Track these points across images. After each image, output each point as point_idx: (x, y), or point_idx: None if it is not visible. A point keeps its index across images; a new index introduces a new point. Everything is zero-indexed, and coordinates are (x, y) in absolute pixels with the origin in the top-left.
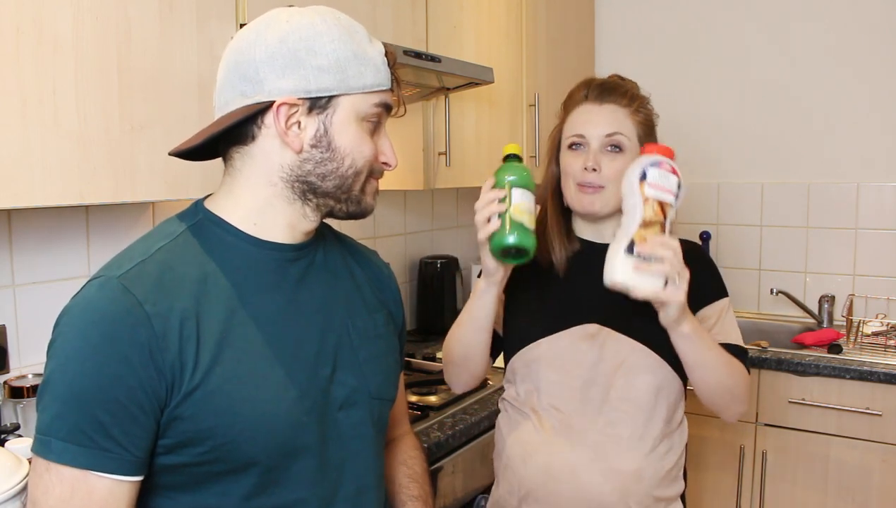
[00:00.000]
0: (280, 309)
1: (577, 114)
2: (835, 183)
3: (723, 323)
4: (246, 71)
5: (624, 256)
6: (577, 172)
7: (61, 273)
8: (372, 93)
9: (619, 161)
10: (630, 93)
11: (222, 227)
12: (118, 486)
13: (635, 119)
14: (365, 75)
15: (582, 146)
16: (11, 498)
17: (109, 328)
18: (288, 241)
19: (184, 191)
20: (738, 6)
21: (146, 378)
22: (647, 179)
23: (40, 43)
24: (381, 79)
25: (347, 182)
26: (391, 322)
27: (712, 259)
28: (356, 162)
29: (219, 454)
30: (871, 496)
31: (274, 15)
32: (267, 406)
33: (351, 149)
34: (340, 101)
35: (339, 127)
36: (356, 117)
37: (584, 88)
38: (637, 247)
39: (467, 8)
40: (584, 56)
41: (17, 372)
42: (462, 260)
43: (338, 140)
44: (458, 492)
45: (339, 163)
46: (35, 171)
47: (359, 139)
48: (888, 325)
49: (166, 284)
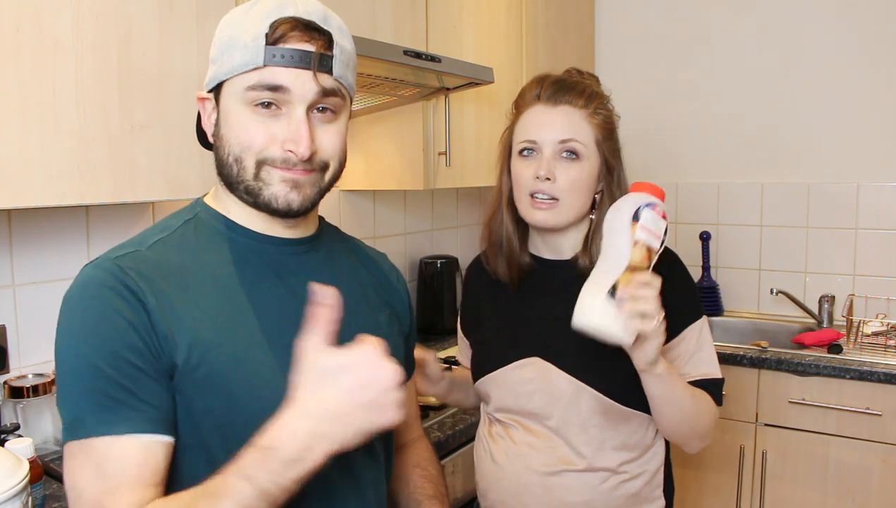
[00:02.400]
0: (278, 300)
1: (529, 117)
2: (835, 183)
3: (701, 350)
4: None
5: (605, 300)
6: (528, 181)
7: (61, 273)
8: (243, 75)
9: (575, 169)
10: (588, 92)
11: (219, 221)
12: (151, 447)
13: (593, 122)
14: (233, 56)
15: (534, 152)
16: (11, 498)
17: (108, 297)
18: (282, 235)
19: (184, 191)
20: (738, 6)
21: (149, 340)
22: (640, 220)
23: (40, 43)
24: (247, 57)
25: (232, 170)
26: (395, 322)
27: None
28: (233, 148)
29: (218, 437)
30: (871, 496)
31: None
32: (264, 391)
33: (230, 136)
34: (223, 88)
35: (225, 115)
36: (237, 102)
37: (537, 87)
38: (619, 290)
39: (467, 8)
40: (584, 56)
41: (17, 372)
42: (462, 260)
43: (223, 128)
44: (458, 492)
45: (223, 152)
46: (35, 171)
47: (239, 126)
48: (888, 325)
49: (161, 272)
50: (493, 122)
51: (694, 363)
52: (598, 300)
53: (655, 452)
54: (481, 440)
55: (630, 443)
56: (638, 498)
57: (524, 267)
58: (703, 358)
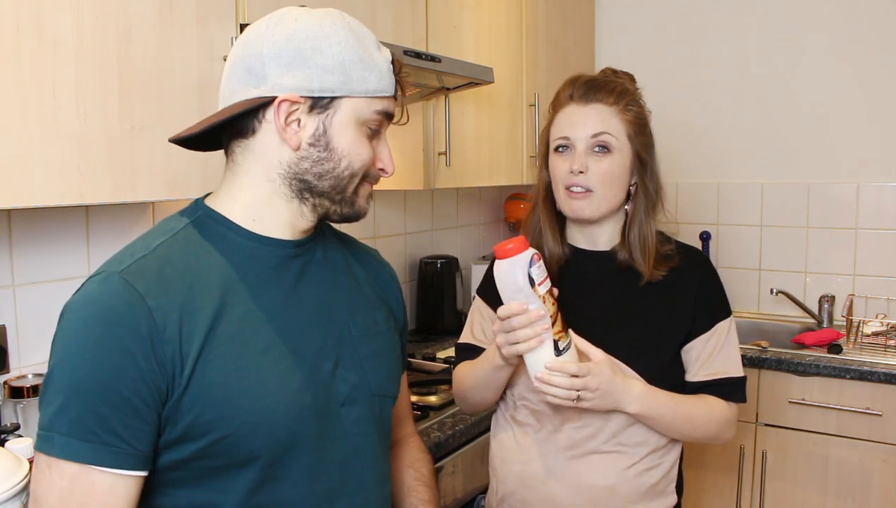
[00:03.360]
0: (280, 304)
1: (563, 116)
2: (835, 183)
3: (727, 346)
4: (252, 64)
5: (552, 358)
6: (564, 175)
7: (61, 273)
8: (374, 99)
9: (607, 162)
10: (618, 90)
11: (222, 223)
12: (120, 481)
13: (624, 117)
14: (368, 80)
15: (568, 148)
16: (11, 498)
17: (111, 321)
18: (287, 238)
19: (184, 190)
20: (738, 6)
21: (147, 370)
22: (535, 281)
23: (40, 43)
24: (384, 85)
25: (342, 183)
26: (392, 319)
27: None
28: (353, 164)
29: (219, 448)
30: (871, 496)
31: (285, 12)
32: (267, 399)
33: (348, 151)
34: (342, 103)
35: (338, 128)
36: (356, 120)
37: (570, 88)
38: (559, 344)
39: (467, 8)
40: (584, 56)
41: (17, 372)
42: (462, 260)
43: (336, 141)
44: (458, 492)
45: (335, 164)
46: (35, 171)
47: (356, 142)
48: (888, 325)
49: (167, 278)
50: (493, 122)
51: (715, 361)
52: (548, 360)
53: (674, 446)
54: (500, 423)
55: (654, 433)
56: (656, 490)
57: (561, 257)
58: (728, 356)
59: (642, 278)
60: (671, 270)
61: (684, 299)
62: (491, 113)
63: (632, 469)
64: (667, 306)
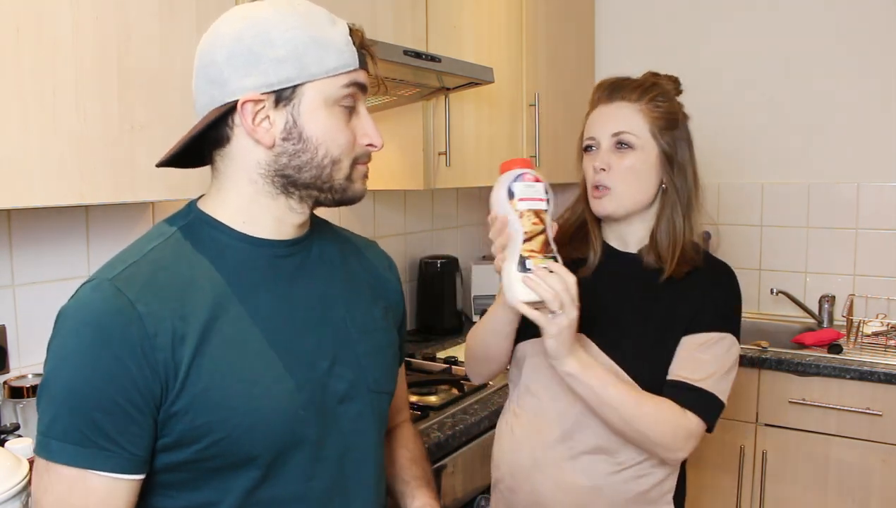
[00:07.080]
0: (274, 304)
1: (592, 116)
2: (835, 183)
3: (709, 361)
4: (211, 74)
5: (516, 274)
6: (590, 175)
7: (61, 273)
8: (337, 76)
9: (629, 158)
10: (644, 86)
11: (213, 226)
12: (116, 484)
13: (648, 114)
14: (326, 59)
15: (593, 147)
16: (11, 498)
17: (102, 328)
18: (279, 237)
19: (184, 191)
20: (738, 7)
21: (140, 377)
22: (514, 196)
23: (40, 43)
24: (345, 59)
25: (325, 171)
26: (390, 314)
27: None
28: (331, 150)
29: (218, 449)
30: (871, 496)
31: (230, 13)
32: (263, 400)
33: (324, 138)
34: (305, 90)
35: (307, 116)
36: (324, 103)
37: (598, 90)
38: (528, 262)
39: (467, 8)
40: (584, 56)
41: (17, 372)
42: (462, 260)
43: (308, 129)
44: (458, 492)
45: (312, 154)
46: (35, 171)
47: (331, 127)
48: (888, 325)
49: (159, 284)
50: (493, 122)
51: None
52: (513, 277)
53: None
54: (506, 413)
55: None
56: (646, 499)
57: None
58: (705, 367)
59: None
60: (694, 270)
61: (694, 295)
62: (491, 113)
63: (620, 474)
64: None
